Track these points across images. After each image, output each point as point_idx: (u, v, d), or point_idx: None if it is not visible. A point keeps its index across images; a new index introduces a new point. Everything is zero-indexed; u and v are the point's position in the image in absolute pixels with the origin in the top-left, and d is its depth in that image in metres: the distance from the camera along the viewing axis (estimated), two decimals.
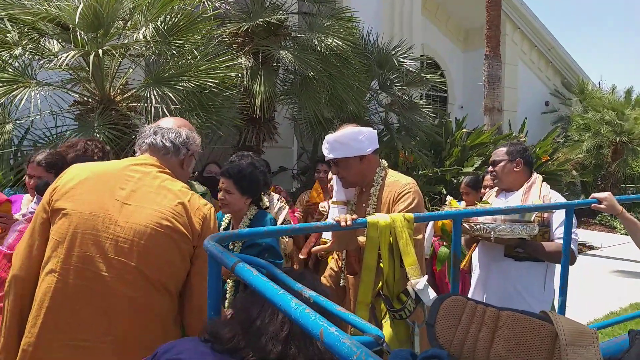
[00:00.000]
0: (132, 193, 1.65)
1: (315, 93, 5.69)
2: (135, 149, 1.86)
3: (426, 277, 1.76)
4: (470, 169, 8.35)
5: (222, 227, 2.70)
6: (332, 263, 2.56)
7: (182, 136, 1.85)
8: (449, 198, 3.29)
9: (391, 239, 1.81)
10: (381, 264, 1.83)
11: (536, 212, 2.51)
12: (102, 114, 4.13)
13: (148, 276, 1.58)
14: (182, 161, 1.85)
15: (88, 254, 1.56)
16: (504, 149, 2.90)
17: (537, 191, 2.75)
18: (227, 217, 2.75)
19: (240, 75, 5.05)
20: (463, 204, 4.15)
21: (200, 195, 3.48)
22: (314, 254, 3.34)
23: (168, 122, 1.90)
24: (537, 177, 2.86)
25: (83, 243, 1.57)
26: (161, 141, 1.80)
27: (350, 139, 2.36)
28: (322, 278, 2.59)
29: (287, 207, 3.41)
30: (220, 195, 2.61)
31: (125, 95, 4.52)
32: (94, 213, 1.60)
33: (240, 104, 4.99)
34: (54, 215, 1.64)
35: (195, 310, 1.70)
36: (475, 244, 2.99)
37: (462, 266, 3.16)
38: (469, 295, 2.97)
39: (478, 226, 2.52)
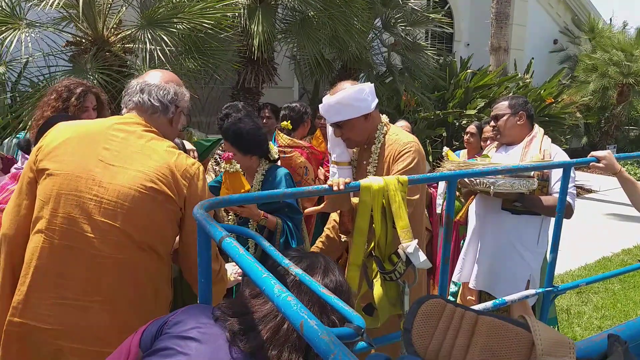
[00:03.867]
0: (116, 153, 1.63)
1: (315, 33, 5.49)
2: (122, 106, 1.81)
3: (416, 240, 1.76)
4: (473, 112, 8.24)
5: None
6: (335, 215, 2.56)
7: (171, 93, 1.78)
8: (445, 149, 3.26)
9: (384, 201, 1.80)
10: (374, 226, 1.83)
11: None
12: (95, 56, 4.02)
13: (134, 238, 1.59)
14: (171, 119, 1.81)
15: (72, 214, 1.57)
16: (506, 103, 2.84)
17: (538, 145, 2.72)
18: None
19: (236, 14, 4.86)
20: (462, 152, 4.11)
21: (213, 143, 3.43)
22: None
23: (155, 77, 1.81)
24: (538, 131, 2.82)
25: (67, 204, 1.57)
26: (149, 100, 1.74)
27: (353, 99, 2.26)
28: (325, 229, 2.61)
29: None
30: (225, 154, 2.56)
31: (119, 36, 4.38)
32: (77, 174, 1.59)
33: (238, 45, 4.83)
34: (39, 175, 1.64)
35: (195, 268, 1.71)
36: (472, 197, 2.99)
37: (458, 218, 3.18)
38: (464, 247, 3.00)
39: (477, 180, 2.51)
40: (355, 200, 2.04)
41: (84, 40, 4.31)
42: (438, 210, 3.45)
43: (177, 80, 1.89)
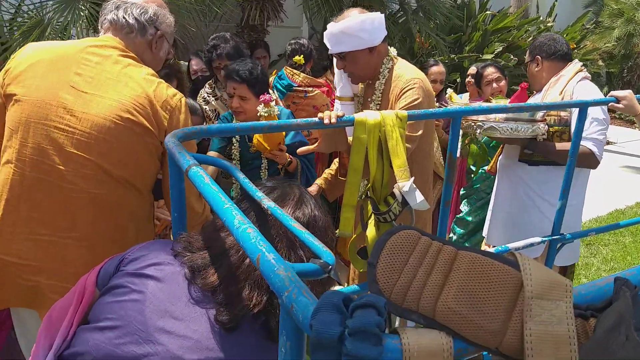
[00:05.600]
0: (90, 80, 1.50)
1: None
2: (99, 28, 1.67)
3: (413, 178, 1.64)
4: (490, 56, 7.89)
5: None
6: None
7: (149, 13, 1.63)
8: (449, 91, 3.08)
9: (381, 137, 1.67)
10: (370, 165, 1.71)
11: (545, 111, 2.32)
12: None
13: (110, 172, 1.49)
14: (150, 42, 1.66)
15: (42, 145, 1.46)
16: (529, 49, 2.62)
17: (562, 86, 2.44)
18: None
19: None
20: (465, 95, 3.90)
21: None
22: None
23: None
24: (569, 69, 2.48)
25: (36, 133, 1.46)
26: (123, 17, 1.59)
27: (358, 30, 2.09)
28: (332, 164, 2.52)
29: None
30: (234, 103, 2.40)
31: None
32: (46, 101, 1.46)
33: None
34: (7, 101, 1.52)
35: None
36: (502, 146, 2.78)
37: (489, 168, 3.00)
38: (492, 198, 2.82)
39: (467, 123, 2.34)
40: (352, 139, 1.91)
41: None
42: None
43: (160, 2, 1.74)
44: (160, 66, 1.77)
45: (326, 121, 1.57)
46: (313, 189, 2.28)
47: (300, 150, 1.83)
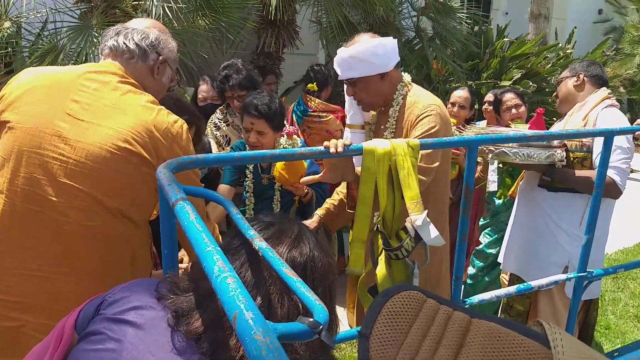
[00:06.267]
0: (87, 107, 1.42)
1: None
2: (99, 54, 1.61)
3: (426, 212, 1.52)
4: (508, 83, 7.76)
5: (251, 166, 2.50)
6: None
7: (150, 38, 1.57)
8: None
9: (391, 165, 1.56)
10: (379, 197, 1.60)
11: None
12: (105, 13, 3.84)
13: (104, 204, 1.40)
14: (152, 68, 1.59)
15: (34, 175, 1.38)
16: (569, 67, 2.55)
17: (584, 113, 2.35)
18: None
19: None
20: (482, 123, 3.78)
21: None
22: None
23: (136, 23, 1.62)
24: (595, 95, 2.39)
25: (29, 163, 1.39)
26: (124, 43, 1.53)
27: (370, 54, 2.02)
28: (336, 191, 2.45)
29: None
30: (251, 138, 2.34)
31: None
32: (40, 129, 1.40)
33: (254, 3, 4.56)
34: (1, 128, 1.45)
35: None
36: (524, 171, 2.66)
37: (510, 193, 2.88)
38: (510, 223, 2.68)
39: (479, 147, 2.25)
40: (360, 169, 1.81)
41: None
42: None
43: (161, 27, 1.68)
44: (164, 93, 1.70)
45: (332, 150, 1.47)
46: (313, 220, 2.18)
47: (303, 180, 1.73)
